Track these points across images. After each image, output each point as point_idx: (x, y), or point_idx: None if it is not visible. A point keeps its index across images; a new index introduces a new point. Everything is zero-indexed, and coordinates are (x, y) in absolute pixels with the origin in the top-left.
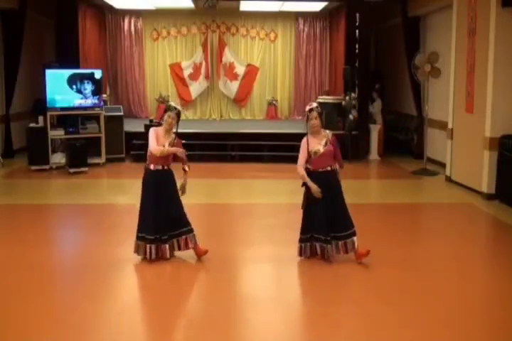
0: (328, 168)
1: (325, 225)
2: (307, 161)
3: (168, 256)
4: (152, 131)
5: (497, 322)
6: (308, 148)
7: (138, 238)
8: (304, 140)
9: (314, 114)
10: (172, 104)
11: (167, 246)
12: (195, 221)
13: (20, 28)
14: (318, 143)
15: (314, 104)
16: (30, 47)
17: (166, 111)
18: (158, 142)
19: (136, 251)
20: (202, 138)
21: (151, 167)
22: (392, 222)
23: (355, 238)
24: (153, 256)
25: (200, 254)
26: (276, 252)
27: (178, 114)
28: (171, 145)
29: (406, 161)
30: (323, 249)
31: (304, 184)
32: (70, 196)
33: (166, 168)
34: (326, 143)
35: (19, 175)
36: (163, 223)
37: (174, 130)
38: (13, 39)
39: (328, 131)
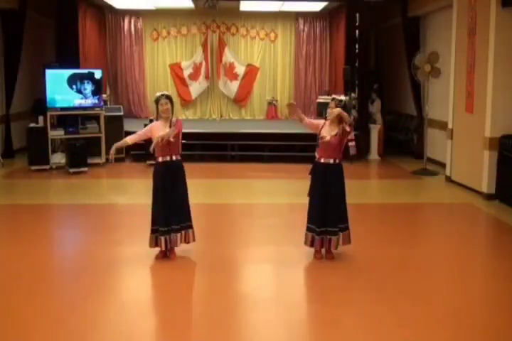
0: (331, 161)
1: (318, 216)
2: (316, 148)
3: (178, 245)
4: (148, 126)
5: (497, 322)
6: (320, 129)
7: (152, 231)
8: (323, 121)
9: (332, 103)
10: (158, 94)
11: (178, 235)
12: (195, 221)
13: (20, 28)
14: (329, 131)
15: (340, 97)
16: (30, 47)
17: (157, 102)
18: (156, 134)
19: (152, 244)
20: (202, 138)
21: (159, 159)
22: (392, 222)
23: (341, 234)
24: (165, 247)
25: (172, 256)
26: (276, 252)
27: (170, 98)
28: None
29: (406, 161)
30: (314, 239)
31: (311, 172)
32: (70, 196)
33: (174, 158)
34: (335, 134)
35: (19, 175)
36: (173, 214)
37: (171, 117)
38: (13, 39)
39: (341, 125)
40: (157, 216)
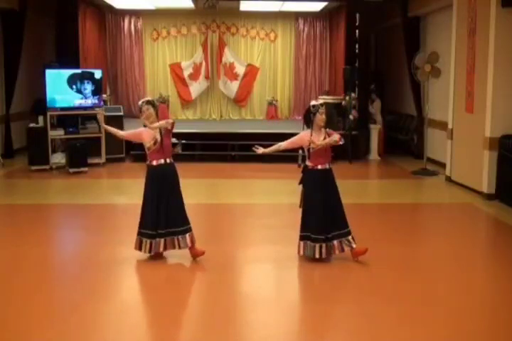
0: (327, 166)
1: (322, 225)
2: (308, 156)
3: (161, 250)
4: (140, 129)
5: (497, 322)
6: (309, 140)
7: (139, 233)
8: (307, 133)
9: (324, 109)
10: (139, 102)
11: (162, 240)
12: (195, 221)
13: (20, 28)
14: (317, 139)
15: (321, 101)
16: (30, 47)
17: (140, 110)
18: (147, 139)
19: (137, 246)
20: (202, 138)
21: (154, 162)
22: (392, 222)
23: (350, 237)
24: (152, 251)
25: (196, 255)
26: (276, 252)
27: (151, 103)
28: (160, 134)
29: (406, 161)
30: (321, 248)
31: (301, 182)
32: (70, 196)
33: (168, 161)
34: (324, 138)
35: (19, 175)
36: (162, 218)
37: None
38: (13, 39)
39: (324, 129)
40: (146, 219)
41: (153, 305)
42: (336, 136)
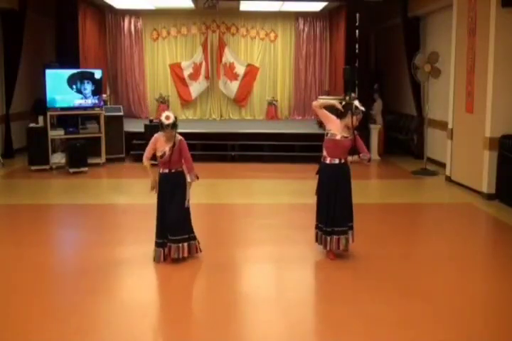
0: (336, 161)
1: (324, 217)
2: (324, 146)
3: (180, 255)
4: (153, 138)
5: (496, 322)
6: (332, 124)
7: (155, 243)
8: (338, 122)
9: (361, 116)
10: (164, 122)
11: (180, 245)
12: (195, 221)
13: (20, 28)
14: (341, 130)
15: (362, 108)
16: (30, 47)
17: (161, 127)
18: (159, 148)
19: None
20: (202, 138)
21: (160, 170)
22: (392, 222)
23: (349, 233)
24: (161, 259)
25: (168, 260)
26: (276, 252)
27: (176, 126)
28: (171, 150)
29: (406, 161)
30: (325, 240)
31: (318, 172)
32: (70, 196)
33: (173, 171)
34: (346, 137)
35: (19, 175)
36: (168, 226)
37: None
38: (13, 39)
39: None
40: (157, 227)
41: (153, 305)
42: (367, 155)
